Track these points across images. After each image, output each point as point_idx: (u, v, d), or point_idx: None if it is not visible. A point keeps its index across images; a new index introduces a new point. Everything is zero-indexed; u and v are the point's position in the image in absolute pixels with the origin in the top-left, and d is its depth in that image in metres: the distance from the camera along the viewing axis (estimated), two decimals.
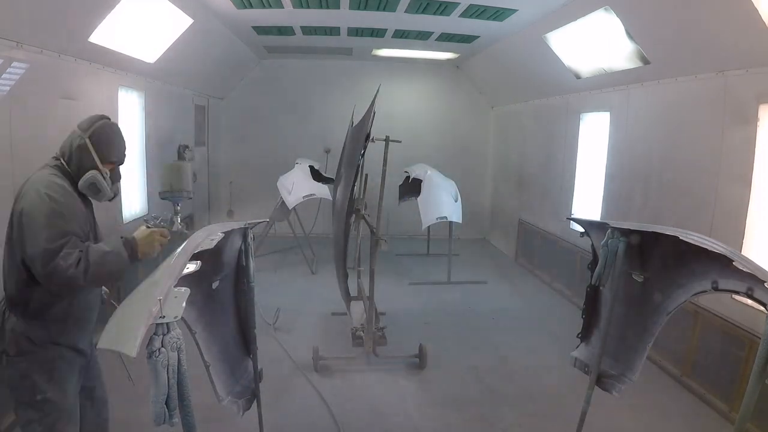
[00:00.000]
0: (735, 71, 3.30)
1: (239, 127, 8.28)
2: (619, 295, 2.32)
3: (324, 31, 6.02)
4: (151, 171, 5.27)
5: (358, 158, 3.77)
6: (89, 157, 2.05)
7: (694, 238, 1.77)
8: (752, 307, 2.92)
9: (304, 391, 3.57)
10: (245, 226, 2.06)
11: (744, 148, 3.24)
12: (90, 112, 3.74)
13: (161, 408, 1.41)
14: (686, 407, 3.41)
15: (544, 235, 6.44)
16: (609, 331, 2.37)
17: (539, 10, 4.66)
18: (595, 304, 2.55)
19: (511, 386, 3.70)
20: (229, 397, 2.07)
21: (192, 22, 4.73)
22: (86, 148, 2.05)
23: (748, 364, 2.93)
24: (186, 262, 1.49)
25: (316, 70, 8.19)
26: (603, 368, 2.41)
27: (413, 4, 4.72)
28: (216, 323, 2.06)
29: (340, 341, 4.26)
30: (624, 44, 4.11)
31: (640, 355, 2.29)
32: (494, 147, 8.61)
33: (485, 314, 5.16)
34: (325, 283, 5.85)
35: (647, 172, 4.30)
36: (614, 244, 2.21)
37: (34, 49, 3.16)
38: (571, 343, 2.81)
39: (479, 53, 6.99)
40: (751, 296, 1.66)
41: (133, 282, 1.74)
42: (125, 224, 4.67)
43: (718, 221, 3.46)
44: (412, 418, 3.28)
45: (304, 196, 6.05)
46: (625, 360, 2.36)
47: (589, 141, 5.50)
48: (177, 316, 1.39)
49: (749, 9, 2.78)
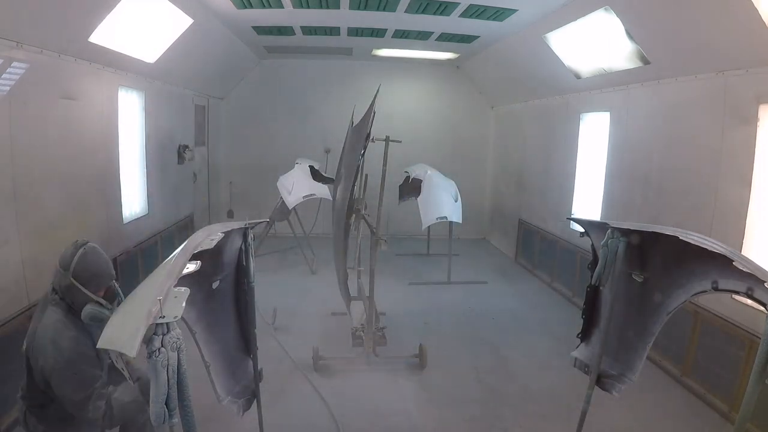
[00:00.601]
0: (735, 71, 3.30)
1: (239, 127, 8.28)
2: (619, 295, 2.32)
3: (324, 31, 6.01)
4: (151, 171, 5.27)
5: (358, 158, 3.76)
6: (80, 293, 2.10)
7: (694, 238, 1.77)
8: (752, 307, 2.92)
9: (304, 391, 3.57)
10: (245, 226, 2.05)
11: (744, 148, 3.24)
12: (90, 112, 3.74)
13: (161, 408, 1.41)
14: (686, 407, 3.41)
15: (544, 235, 6.43)
16: (609, 331, 2.37)
17: (539, 10, 4.66)
18: (595, 304, 2.55)
19: (511, 386, 3.70)
20: (229, 397, 2.07)
21: (192, 22, 4.73)
22: (74, 287, 2.09)
23: (748, 364, 2.93)
24: (186, 262, 1.49)
25: (316, 70, 8.19)
26: (603, 368, 2.41)
27: (413, 4, 4.72)
28: (216, 323, 2.06)
29: (340, 341, 4.26)
30: (624, 44, 4.11)
31: (640, 355, 2.28)
32: (494, 147, 8.61)
33: (485, 314, 5.16)
34: (325, 283, 5.84)
35: (647, 172, 4.30)
36: (614, 244, 2.21)
37: (34, 49, 3.16)
38: (571, 343, 2.81)
39: (479, 53, 6.98)
40: (751, 296, 1.66)
41: (133, 282, 1.74)
42: (125, 224, 4.68)
43: (718, 221, 3.46)
44: (412, 418, 3.29)
45: (304, 196, 6.05)
46: (625, 360, 2.36)
47: (589, 141, 5.50)
48: (177, 316, 1.39)
49: (749, 9, 2.78)
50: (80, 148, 3.84)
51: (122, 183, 4.58)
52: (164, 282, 1.38)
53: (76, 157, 3.78)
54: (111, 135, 4.35)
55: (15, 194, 3.08)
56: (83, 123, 3.87)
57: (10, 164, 3.02)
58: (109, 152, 4.32)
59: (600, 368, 2.39)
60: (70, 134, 3.69)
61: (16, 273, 3.10)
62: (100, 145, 4.17)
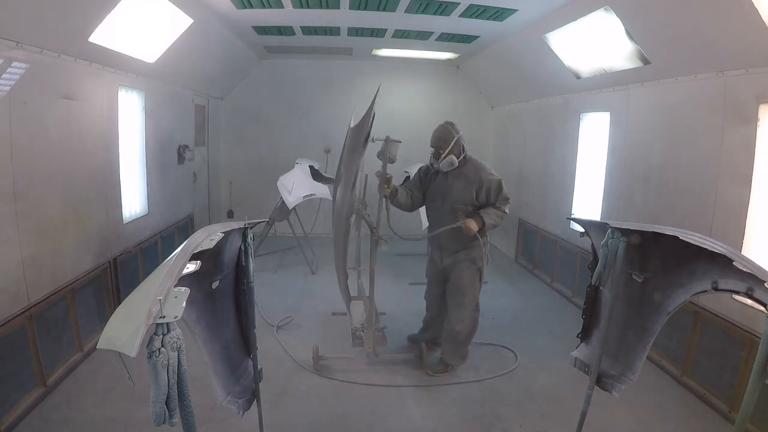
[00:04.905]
0: (735, 71, 3.30)
1: (239, 127, 8.28)
2: (619, 295, 2.32)
3: (324, 31, 6.01)
4: (151, 171, 5.27)
5: (358, 158, 3.76)
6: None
7: (695, 238, 1.77)
8: (752, 307, 2.93)
9: (304, 391, 3.57)
10: (245, 226, 2.06)
11: (744, 148, 3.24)
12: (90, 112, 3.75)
13: (161, 408, 1.41)
14: (686, 407, 3.41)
15: (544, 235, 6.43)
16: (609, 331, 2.37)
17: (539, 10, 4.66)
18: (595, 304, 2.55)
19: (511, 386, 3.70)
20: (229, 397, 2.07)
21: (192, 22, 4.73)
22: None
23: (748, 364, 2.93)
24: (186, 262, 1.49)
25: (316, 70, 8.19)
26: (603, 368, 2.41)
27: (413, 4, 4.72)
28: (216, 323, 2.06)
29: (340, 341, 4.26)
30: (624, 44, 4.11)
31: (640, 355, 2.28)
32: (494, 147, 8.61)
33: (485, 314, 5.15)
34: (325, 283, 5.85)
35: (647, 172, 4.30)
36: (614, 244, 2.21)
37: (34, 49, 3.16)
38: (571, 343, 2.81)
39: (479, 53, 6.99)
40: (751, 296, 1.66)
41: (133, 282, 1.74)
42: (125, 224, 4.68)
43: (718, 221, 3.46)
44: (412, 418, 3.29)
45: (304, 196, 6.05)
46: (625, 360, 2.36)
47: (589, 141, 5.50)
48: (177, 316, 1.39)
49: (749, 9, 2.78)
50: (80, 148, 3.84)
51: (122, 183, 4.57)
52: (164, 282, 1.38)
53: (76, 157, 3.78)
54: (111, 135, 4.35)
55: (15, 194, 3.08)
56: (83, 123, 3.87)
57: (10, 164, 3.02)
58: (109, 152, 4.32)
59: (600, 368, 2.39)
60: (70, 134, 3.69)
61: (16, 273, 3.10)
62: (100, 145, 4.17)
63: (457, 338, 3.76)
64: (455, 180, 3.69)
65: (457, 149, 3.67)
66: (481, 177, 3.62)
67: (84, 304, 3.86)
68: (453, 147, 3.63)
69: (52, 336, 3.44)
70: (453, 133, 3.67)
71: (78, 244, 3.85)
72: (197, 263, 1.60)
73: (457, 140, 3.65)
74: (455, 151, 3.65)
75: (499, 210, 3.59)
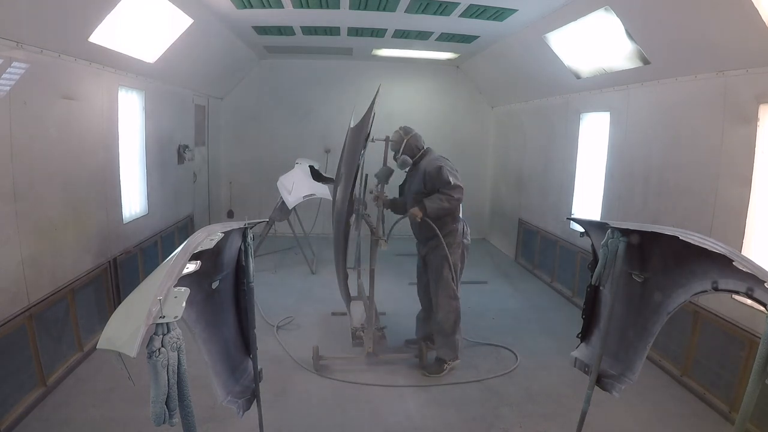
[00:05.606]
0: (735, 71, 3.30)
1: (239, 127, 8.28)
2: (619, 295, 2.32)
3: (324, 31, 6.01)
4: (150, 171, 5.27)
5: (358, 158, 3.77)
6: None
7: (694, 238, 1.77)
8: (752, 307, 2.93)
9: (304, 391, 3.57)
10: (245, 226, 2.05)
11: (744, 148, 3.24)
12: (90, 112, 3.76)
13: (161, 408, 1.41)
14: (686, 407, 3.41)
15: (544, 235, 6.44)
16: (609, 331, 2.37)
17: (539, 10, 4.66)
18: (595, 304, 2.55)
19: (511, 386, 3.70)
20: (229, 397, 2.07)
21: (192, 22, 4.73)
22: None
23: (748, 364, 2.94)
24: (186, 262, 1.49)
25: (316, 70, 8.19)
26: (603, 368, 2.41)
27: (413, 4, 4.72)
28: (216, 323, 2.06)
29: (340, 341, 4.26)
30: (624, 44, 4.11)
31: (640, 355, 2.28)
32: (494, 147, 8.61)
33: (485, 314, 5.16)
34: (325, 283, 5.85)
35: (647, 172, 4.30)
36: (614, 244, 2.20)
37: (34, 49, 3.16)
38: (571, 343, 2.81)
39: (479, 53, 6.99)
40: (751, 296, 1.66)
41: (133, 282, 1.74)
42: (125, 224, 4.68)
43: (718, 221, 3.46)
44: (412, 418, 3.28)
45: (304, 196, 6.05)
46: (625, 360, 2.36)
47: (589, 141, 5.50)
48: (177, 316, 1.39)
49: (749, 9, 2.78)
50: (80, 148, 3.84)
51: (122, 183, 4.58)
52: (164, 282, 1.38)
53: (76, 157, 3.78)
54: (111, 135, 4.35)
55: (15, 194, 3.08)
56: (83, 123, 3.87)
57: (10, 164, 3.02)
58: (109, 152, 4.32)
59: (600, 368, 2.39)
60: (70, 134, 3.69)
61: (16, 273, 3.10)
62: (100, 145, 4.17)
63: (441, 328, 3.84)
64: (413, 175, 4.00)
65: (409, 149, 3.97)
66: (425, 167, 3.84)
67: (84, 304, 3.86)
68: (405, 148, 3.96)
69: (52, 336, 3.44)
70: (402, 136, 3.99)
71: (78, 244, 3.85)
72: (197, 263, 1.60)
73: (408, 141, 3.96)
74: (407, 151, 3.96)
75: (443, 195, 3.74)
